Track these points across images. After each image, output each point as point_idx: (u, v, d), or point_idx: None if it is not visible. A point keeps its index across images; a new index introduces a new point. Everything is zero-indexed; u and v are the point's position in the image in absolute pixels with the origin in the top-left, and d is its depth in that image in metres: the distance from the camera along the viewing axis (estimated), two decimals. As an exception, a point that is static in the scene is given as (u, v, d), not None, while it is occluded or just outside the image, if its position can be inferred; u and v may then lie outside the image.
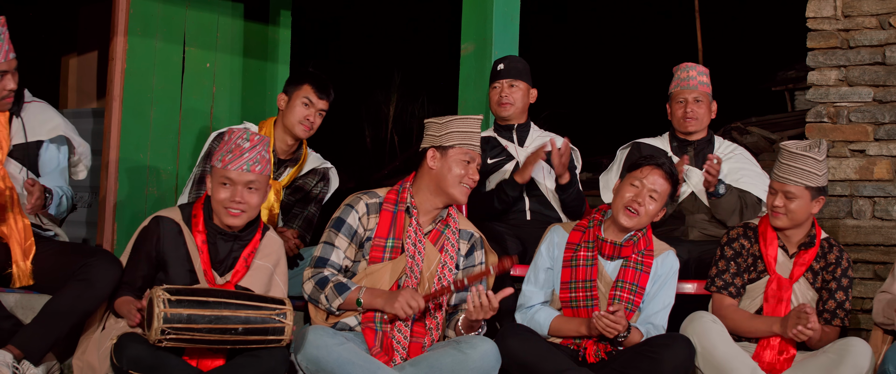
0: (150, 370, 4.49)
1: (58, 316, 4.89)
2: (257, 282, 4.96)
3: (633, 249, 5.31)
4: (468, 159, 5.10)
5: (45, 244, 5.22)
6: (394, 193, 5.18)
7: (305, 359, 4.79)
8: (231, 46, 7.49)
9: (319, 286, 4.98)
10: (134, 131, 6.91)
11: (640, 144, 6.42)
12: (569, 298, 5.30)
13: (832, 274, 5.40)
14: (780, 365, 5.19)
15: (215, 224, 4.94)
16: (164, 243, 4.91)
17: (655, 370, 5.01)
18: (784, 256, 5.43)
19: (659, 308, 5.33)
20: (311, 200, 6.09)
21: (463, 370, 4.88)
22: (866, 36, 6.90)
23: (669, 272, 5.39)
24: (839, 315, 5.36)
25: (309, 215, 6.06)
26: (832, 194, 6.93)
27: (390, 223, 5.09)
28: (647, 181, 5.28)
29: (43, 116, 5.46)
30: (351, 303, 4.95)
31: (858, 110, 6.89)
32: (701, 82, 6.30)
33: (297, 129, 5.93)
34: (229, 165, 4.81)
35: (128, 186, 6.84)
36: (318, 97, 5.94)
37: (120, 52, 6.89)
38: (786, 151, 5.36)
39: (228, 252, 4.96)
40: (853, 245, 6.80)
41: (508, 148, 6.32)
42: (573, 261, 5.34)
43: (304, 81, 5.97)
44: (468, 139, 5.12)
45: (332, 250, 5.07)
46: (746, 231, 5.51)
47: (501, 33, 7.00)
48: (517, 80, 6.31)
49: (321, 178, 6.14)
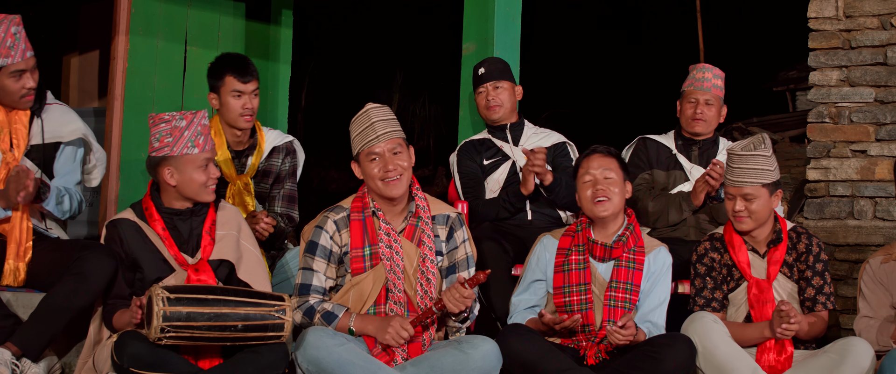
0: (151, 368, 4.50)
1: (54, 312, 4.90)
2: (227, 251, 5.01)
3: (623, 248, 5.31)
4: (374, 157, 5.04)
5: (43, 242, 5.22)
6: (358, 200, 5.15)
7: (306, 360, 4.78)
8: (233, 46, 7.50)
9: (308, 316, 4.97)
10: (135, 130, 6.91)
11: (646, 139, 6.42)
12: (563, 302, 5.29)
13: (806, 263, 5.38)
14: (780, 365, 5.19)
15: (167, 207, 5.00)
16: (127, 242, 4.96)
17: (657, 369, 5.00)
18: (756, 257, 5.41)
19: (655, 305, 5.32)
20: (284, 178, 6.01)
21: (464, 369, 4.88)
22: (868, 36, 6.90)
23: (663, 268, 5.38)
24: (821, 301, 5.34)
25: (287, 191, 5.97)
26: (834, 195, 6.93)
27: (362, 232, 5.07)
28: (595, 170, 5.30)
29: (63, 119, 5.45)
30: (343, 331, 4.94)
31: (860, 111, 6.89)
32: (715, 85, 6.29)
33: (240, 122, 5.80)
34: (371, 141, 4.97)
35: (129, 185, 6.84)
36: (244, 82, 5.76)
37: (121, 51, 6.90)
38: (733, 154, 5.34)
39: (190, 231, 5.01)
40: (855, 245, 6.80)
41: (503, 148, 6.31)
42: (565, 266, 5.33)
43: (223, 73, 5.79)
44: (365, 138, 5.06)
45: (313, 274, 5.05)
46: (713, 243, 5.50)
47: (503, 33, 7.00)
48: (500, 81, 6.30)
49: (285, 153, 6.02)
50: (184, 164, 4.92)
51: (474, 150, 6.32)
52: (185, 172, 4.93)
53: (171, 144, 4.89)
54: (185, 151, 4.90)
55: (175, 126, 4.90)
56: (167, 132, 4.90)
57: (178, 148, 4.89)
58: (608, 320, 5.19)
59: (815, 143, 7.04)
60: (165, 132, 4.90)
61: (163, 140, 4.91)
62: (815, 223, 6.96)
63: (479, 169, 6.25)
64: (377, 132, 5.04)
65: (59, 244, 5.23)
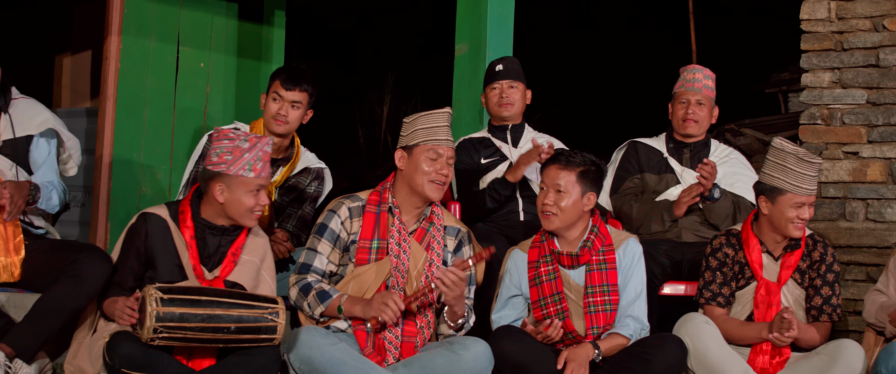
0: (143, 369, 4.49)
1: (48, 314, 4.88)
2: (245, 277, 4.97)
3: (590, 252, 5.28)
4: (434, 156, 5.06)
5: (36, 242, 5.21)
6: (376, 194, 5.16)
7: (298, 359, 4.79)
8: (225, 46, 7.49)
9: (303, 293, 4.99)
10: (128, 130, 6.90)
11: (637, 143, 6.42)
12: (542, 316, 5.26)
13: (817, 271, 5.39)
14: (773, 368, 5.19)
15: (203, 219, 4.95)
16: (152, 239, 4.91)
17: (647, 371, 5.01)
18: (770, 259, 5.41)
19: (632, 298, 5.28)
20: (306, 199, 6.05)
21: (456, 370, 4.88)
22: (860, 38, 6.91)
23: (634, 259, 5.33)
24: (827, 311, 5.35)
25: (303, 214, 6.02)
26: (825, 197, 6.94)
27: (374, 225, 5.09)
28: (547, 180, 5.28)
29: (31, 112, 5.44)
30: (333, 311, 4.95)
31: (852, 112, 6.90)
32: (706, 86, 6.30)
33: (271, 125, 5.84)
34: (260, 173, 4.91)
35: (121, 185, 6.84)
36: (286, 89, 5.81)
37: (114, 51, 6.89)
38: (804, 161, 5.26)
39: (216, 248, 4.96)
40: (846, 247, 6.81)
41: (502, 149, 6.32)
42: (537, 279, 5.31)
43: (275, 77, 5.87)
44: (433, 134, 5.09)
45: (316, 255, 5.08)
46: (729, 239, 5.49)
47: (495, 34, 7.00)
48: (516, 81, 6.32)
49: (315, 177, 6.08)
50: (236, 184, 4.87)
51: (473, 147, 6.33)
52: (235, 193, 4.88)
53: (230, 163, 4.84)
54: (242, 173, 4.85)
55: (237, 146, 4.85)
56: (228, 150, 4.85)
57: (235, 168, 4.84)
58: None
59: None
60: (227, 150, 4.86)
61: (222, 157, 4.85)
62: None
63: (476, 166, 6.26)
64: (446, 136, 5.11)
65: (53, 245, 5.22)
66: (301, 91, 5.84)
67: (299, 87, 5.83)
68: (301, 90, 5.84)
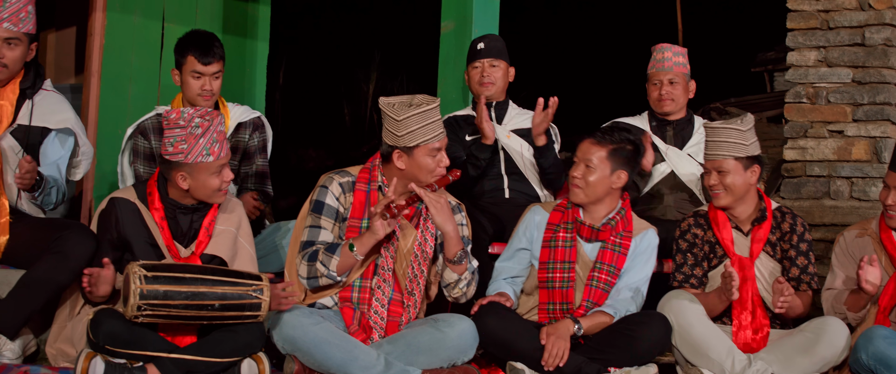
0: (127, 345, 4.49)
1: (32, 290, 4.87)
2: (223, 248, 4.97)
3: (611, 232, 5.31)
4: (436, 153, 5.02)
5: (21, 220, 5.18)
6: (365, 171, 5.12)
7: (282, 339, 4.79)
8: (210, 23, 7.45)
9: (311, 260, 4.93)
10: (112, 107, 6.88)
11: (620, 123, 6.42)
12: (546, 278, 5.30)
13: (790, 242, 5.41)
14: (755, 343, 5.21)
15: (172, 200, 4.93)
16: (123, 222, 4.91)
17: (632, 347, 5.04)
18: (740, 235, 5.43)
19: (630, 283, 5.31)
20: (253, 153, 5.96)
21: (440, 348, 4.89)
22: (846, 17, 6.93)
23: (647, 251, 5.38)
24: (805, 280, 5.37)
25: (259, 168, 5.94)
26: (810, 175, 6.96)
27: (365, 203, 5.06)
28: (579, 153, 5.30)
29: (55, 107, 5.38)
30: (347, 255, 4.88)
31: (837, 91, 6.92)
32: (677, 63, 6.30)
33: (198, 102, 5.70)
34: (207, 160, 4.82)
35: (106, 161, 6.81)
36: (205, 64, 5.68)
37: (98, 27, 6.86)
38: (708, 128, 5.40)
39: (189, 225, 4.97)
40: (831, 225, 6.84)
41: (486, 126, 6.31)
42: (552, 242, 5.33)
43: (186, 52, 5.71)
44: (432, 132, 5.00)
45: (320, 231, 5.02)
46: (697, 219, 5.51)
47: (481, 11, 6.98)
48: (498, 59, 6.30)
49: (253, 128, 5.96)
50: (198, 170, 4.82)
51: (458, 125, 6.32)
52: (198, 178, 4.84)
53: (186, 152, 4.77)
54: (200, 160, 4.79)
55: (191, 134, 4.76)
56: (182, 139, 4.77)
57: (192, 156, 4.77)
58: None
59: (793, 123, 7.06)
60: (180, 139, 4.77)
61: (177, 146, 4.77)
62: (792, 203, 6.99)
63: (461, 143, 6.25)
64: (442, 130, 5.05)
65: (38, 222, 5.20)
66: (218, 60, 5.73)
67: (216, 57, 5.71)
68: (218, 59, 5.72)
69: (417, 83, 17.98)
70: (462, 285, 5.11)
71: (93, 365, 4.46)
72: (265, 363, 4.72)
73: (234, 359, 4.66)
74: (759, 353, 5.14)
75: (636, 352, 5.06)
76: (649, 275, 5.39)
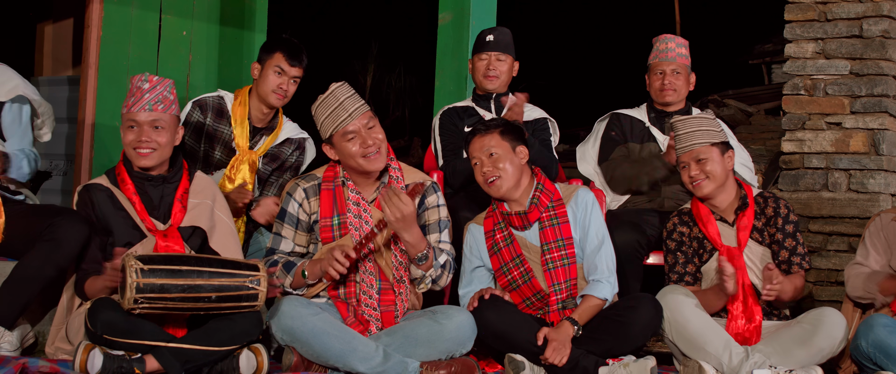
0: (125, 335, 4.50)
1: (28, 280, 4.87)
2: (201, 218, 5.03)
3: (539, 209, 5.29)
4: (351, 136, 4.99)
5: (14, 208, 5.17)
6: (330, 169, 5.14)
7: (280, 330, 4.79)
8: (208, 14, 7.44)
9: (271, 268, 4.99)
10: (110, 99, 6.87)
11: (619, 114, 6.42)
12: (507, 281, 5.28)
13: (776, 226, 5.40)
14: (750, 333, 5.20)
15: (137, 173, 5.01)
16: (99, 207, 4.96)
17: (625, 333, 5.03)
18: (725, 226, 5.42)
19: (596, 245, 5.27)
20: (287, 168, 6.06)
21: (438, 340, 4.89)
22: (843, 9, 6.92)
23: (588, 208, 5.33)
24: (795, 262, 5.36)
25: (284, 182, 6.03)
26: (808, 167, 6.96)
27: (332, 201, 5.07)
28: (477, 152, 5.27)
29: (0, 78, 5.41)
30: (299, 277, 4.95)
31: (835, 83, 6.91)
32: (680, 54, 6.30)
33: (270, 98, 5.87)
34: (133, 108, 4.94)
35: (103, 153, 6.81)
36: (291, 65, 5.85)
37: (96, 19, 6.85)
38: (676, 122, 5.45)
39: (161, 198, 5.02)
40: (828, 218, 6.84)
41: (486, 118, 6.31)
42: (495, 247, 5.32)
43: (275, 49, 5.88)
44: (336, 119, 5.00)
45: (281, 240, 5.10)
46: (682, 218, 5.51)
47: (479, 3, 6.98)
48: (505, 53, 6.30)
49: (296, 147, 6.08)
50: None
51: (457, 116, 6.32)
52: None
53: (130, 105, 4.94)
54: (123, 112, 4.97)
55: (138, 87, 4.94)
56: (131, 93, 4.95)
57: (135, 108, 4.93)
58: None
59: (790, 115, 7.06)
60: (130, 93, 4.95)
61: (126, 101, 4.96)
62: (790, 195, 6.99)
63: (460, 134, 6.25)
64: (349, 110, 5.00)
65: (31, 211, 5.18)
66: (302, 67, 5.91)
67: (302, 64, 5.90)
68: (302, 67, 5.91)
69: (415, 75, 17.99)
70: (427, 281, 5.11)
71: (91, 357, 4.46)
72: (263, 355, 4.72)
73: (232, 347, 4.66)
74: (757, 345, 5.13)
75: (629, 336, 5.05)
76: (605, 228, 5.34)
